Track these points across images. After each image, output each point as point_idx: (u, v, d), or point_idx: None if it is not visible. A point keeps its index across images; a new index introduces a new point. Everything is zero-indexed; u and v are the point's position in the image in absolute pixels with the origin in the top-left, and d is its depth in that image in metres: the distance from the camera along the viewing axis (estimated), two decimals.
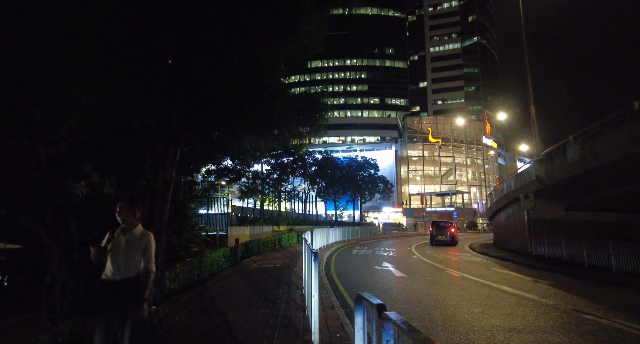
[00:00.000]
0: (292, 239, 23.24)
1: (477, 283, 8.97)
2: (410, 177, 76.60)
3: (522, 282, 9.34)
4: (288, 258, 14.04)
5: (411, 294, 7.43)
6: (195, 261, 8.73)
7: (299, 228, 31.71)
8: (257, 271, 10.32)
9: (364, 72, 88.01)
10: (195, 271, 8.59)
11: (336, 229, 23.78)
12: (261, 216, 33.59)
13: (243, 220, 32.18)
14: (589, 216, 16.95)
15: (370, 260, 14.31)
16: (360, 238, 29.18)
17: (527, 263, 14.00)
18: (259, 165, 32.28)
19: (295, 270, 10.28)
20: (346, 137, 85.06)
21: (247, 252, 14.73)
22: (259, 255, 15.59)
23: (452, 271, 11.19)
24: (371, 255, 16.20)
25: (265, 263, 12.15)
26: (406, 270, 11.27)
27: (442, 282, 9.06)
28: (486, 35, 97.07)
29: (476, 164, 79.48)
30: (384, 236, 34.97)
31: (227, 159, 26.35)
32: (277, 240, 20.01)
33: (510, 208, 20.05)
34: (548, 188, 14.99)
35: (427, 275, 10.21)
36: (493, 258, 16.32)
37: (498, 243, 24.59)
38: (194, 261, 8.66)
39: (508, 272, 11.47)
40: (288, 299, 6.43)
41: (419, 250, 19.96)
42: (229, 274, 9.74)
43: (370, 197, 54.66)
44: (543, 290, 8.17)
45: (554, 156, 13.60)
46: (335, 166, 48.26)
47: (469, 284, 8.86)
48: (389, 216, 68.11)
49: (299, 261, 12.45)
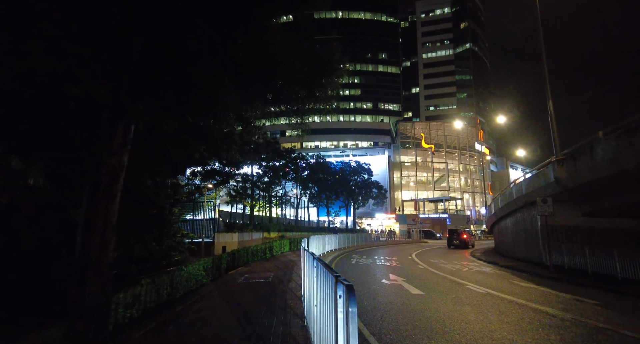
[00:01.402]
0: (284, 247, 21.44)
1: (513, 304, 7.37)
2: (403, 183, 75.46)
3: (563, 302, 7.78)
4: (281, 270, 12.26)
5: (444, 323, 5.78)
6: (165, 277, 6.93)
7: (291, 234, 29.86)
8: (244, 288, 8.54)
9: (357, 77, 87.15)
10: (165, 290, 6.80)
11: (332, 236, 22.09)
12: (251, 222, 31.61)
13: (231, 226, 30.16)
14: (608, 222, 15.65)
15: (374, 271, 12.65)
16: (357, 245, 27.51)
17: (548, 275, 12.53)
18: (249, 168, 30.44)
19: (291, 286, 8.54)
20: (339, 142, 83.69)
21: (233, 262, 12.91)
22: (247, 266, 13.77)
23: (471, 286, 9.61)
24: (373, 265, 14.54)
25: (254, 277, 10.36)
26: (420, 284, 9.63)
27: (470, 302, 7.43)
28: (478, 42, 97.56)
29: (469, 170, 78.89)
30: (379, 243, 33.35)
31: (216, 163, 24.54)
32: (267, 248, 18.22)
33: (519, 213, 18.68)
34: (567, 191, 13.61)
35: (447, 292, 8.59)
36: (505, 269, 14.83)
37: (502, 251, 23.23)
38: (163, 277, 6.86)
39: (535, 287, 9.92)
40: (285, 335, 4.69)
41: (421, 259, 18.37)
42: (209, 292, 7.95)
43: (364, 203, 53.09)
44: (599, 313, 6.62)
45: (578, 155, 12.23)
46: (328, 170, 46.64)
47: (504, 305, 7.25)
48: (382, 223, 66.63)
49: (294, 274, 10.69)
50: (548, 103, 14.07)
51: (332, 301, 2.88)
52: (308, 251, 4.88)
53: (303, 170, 42.85)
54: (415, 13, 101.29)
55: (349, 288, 2.14)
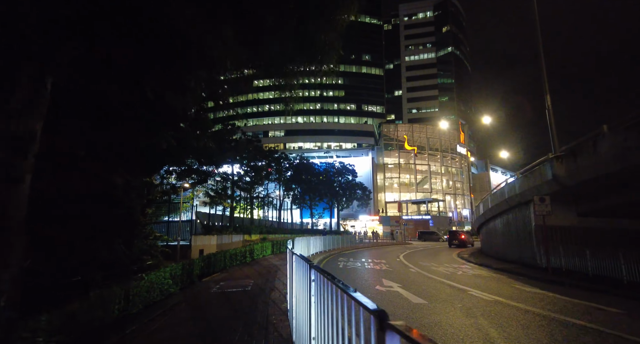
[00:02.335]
0: (266, 250, 20.10)
1: (530, 314, 6.42)
2: (386, 185, 75.20)
3: (584, 311, 6.90)
4: (262, 276, 10.98)
5: (464, 343, 4.71)
6: (116, 288, 5.58)
7: (273, 237, 28.49)
8: (218, 299, 7.24)
9: (341, 78, 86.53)
10: (117, 305, 5.45)
11: (317, 238, 20.91)
12: (231, 224, 29.99)
13: (210, 228, 28.37)
14: (602, 222, 15.19)
15: (365, 275, 11.56)
16: (342, 247, 26.43)
17: (547, 278, 11.79)
18: (229, 168, 28.87)
19: (274, 297, 7.31)
20: (322, 143, 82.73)
21: (208, 268, 11.54)
22: (225, 271, 12.41)
23: (474, 292, 8.66)
24: (362, 269, 13.46)
25: (231, 285, 9.06)
26: (418, 291, 8.60)
27: (483, 313, 6.43)
28: (460, 46, 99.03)
29: (450, 173, 79.52)
30: (364, 245, 32.40)
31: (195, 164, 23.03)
32: (248, 251, 16.86)
33: (510, 214, 18.08)
34: (565, 190, 12.99)
35: (452, 300, 7.59)
36: (500, 272, 14.08)
37: (490, 253, 22.70)
38: (114, 288, 5.51)
39: (541, 292, 9.07)
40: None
41: (410, 261, 17.48)
42: (175, 305, 6.63)
43: (348, 204, 52.21)
44: (635, 326, 5.75)
45: (579, 151, 11.59)
46: (312, 171, 45.45)
47: (521, 316, 6.28)
48: (365, 224, 65.97)
49: (277, 281, 9.45)
50: (545, 97, 13.45)
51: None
52: (299, 255, 3.73)
53: (286, 171, 41.54)
54: (399, 16, 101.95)
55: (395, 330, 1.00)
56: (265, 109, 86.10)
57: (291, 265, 6.07)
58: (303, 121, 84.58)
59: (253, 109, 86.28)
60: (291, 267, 6.06)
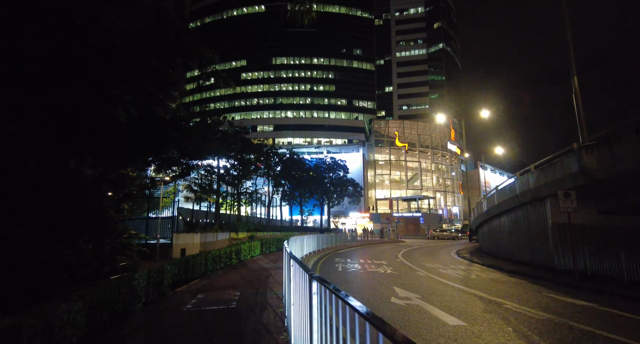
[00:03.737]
0: (254, 250, 18.26)
1: (600, 338, 4.83)
2: (377, 182, 73.96)
3: None
4: (251, 284, 9.14)
5: None
6: (27, 318, 3.70)
7: (262, 235, 26.60)
8: (191, 323, 5.40)
9: (332, 72, 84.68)
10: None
11: (311, 237, 19.18)
12: (216, 221, 27.90)
13: (193, 225, 26.19)
14: (623, 220, 13.92)
15: (371, 282, 9.87)
16: (335, 246, 24.77)
17: (576, 284, 10.40)
18: (215, 161, 26.74)
19: (266, 319, 5.51)
20: (312, 138, 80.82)
21: (185, 273, 9.66)
22: (206, 277, 10.52)
23: (511, 305, 7.07)
24: (365, 273, 11.78)
25: (212, 299, 7.20)
26: (444, 305, 6.95)
27: (548, 339, 4.80)
28: (450, 43, 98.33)
29: (440, 170, 78.89)
30: (358, 244, 30.80)
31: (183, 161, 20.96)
32: (234, 252, 15.01)
33: (519, 211, 16.70)
34: (593, 184, 11.58)
35: (493, 318, 5.96)
36: (515, 275, 12.64)
37: (492, 252, 21.42)
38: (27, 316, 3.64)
39: (587, 304, 7.54)
40: None
41: (412, 261, 15.98)
42: (127, 336, 4.77)
43: (339, 201, 50.60)
44: None
45: (616, 139, 10.14)
46: (302, 167, 43.55)
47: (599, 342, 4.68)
48: (356, 222, 64.59)
49: (269, 293, 7.65)
50: (572, 80, 11.97)
51: None
52: (299, 264, 2.02)
53: (276, 166, 39.59)
54: (390, 11, 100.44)
55: None
56: (253, 103, 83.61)
57: (291, 276, 4.34)
58: (292, 116, 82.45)
59: (241, 103, 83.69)
60: (291, 279, 4.33)
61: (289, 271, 4.58)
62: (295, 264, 3.96)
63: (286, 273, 5.16)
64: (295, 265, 3.91)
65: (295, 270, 3.92)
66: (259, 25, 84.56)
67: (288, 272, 4.77)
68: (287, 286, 4.86)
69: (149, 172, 22.59)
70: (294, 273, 4.01)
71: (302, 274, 3.41)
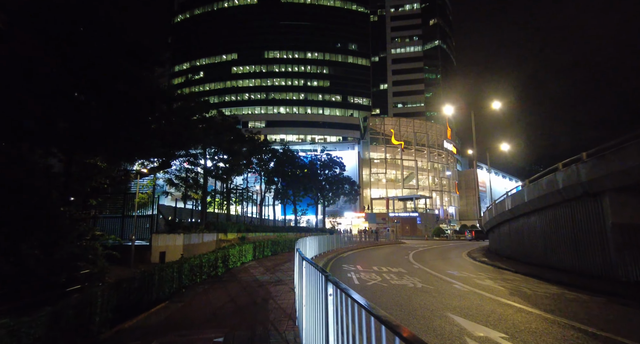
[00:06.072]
0: (246, 255, 15.40)
1: None
2: (372, 181, 71.54)
3: None
4: (242, 315, 6.28)
5: None
6: None
7: (254, 236, 23.70)
8: None
9: (326, 67, 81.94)
10: None
11: (313, 239, 16.42)
12: (202, 220, 24.62)
13: (175, 225, 22.60)
14: None
15: (412, 304, 7.12)
16: (337, 249, 22.07)
17: None
18: (201, 150, 23.67)
19: None
20: (306, 135, 77.95)
21: (146, 293, 6.77)
22: (176, 300, 7.62)
23: None
24: (390, 288, 9.07)
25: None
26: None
27: None
28: (446, 40, 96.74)
29: (436, 169, 76.95)
30: (359, 245, 28.14)
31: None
32: (220, 258, 12.14)
33: (561, 209, 14.22)
34: None
35: None
36: (578, 289, 10.03)
37: (511, 255, 19.04)
38: None
39: None
40: None
41: (431, 267, 13.30)
42: None
43: (334, 200, 47.93)
44: None
45: None
46: (296, 164, 40.70)
47: None
48: (351, 222, 62.07)
49: (272, 334, 4.83)
50: None
51: None
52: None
53: (269, 161, 36.68)
54: (385, 7, 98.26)
55: None
56: (244, 98, 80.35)
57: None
58: (285, 111, 79.44)
59: (231, 97, 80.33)
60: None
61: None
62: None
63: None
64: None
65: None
66: (251, 18, 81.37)
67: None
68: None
69: (124, 164, 19.29)
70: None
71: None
